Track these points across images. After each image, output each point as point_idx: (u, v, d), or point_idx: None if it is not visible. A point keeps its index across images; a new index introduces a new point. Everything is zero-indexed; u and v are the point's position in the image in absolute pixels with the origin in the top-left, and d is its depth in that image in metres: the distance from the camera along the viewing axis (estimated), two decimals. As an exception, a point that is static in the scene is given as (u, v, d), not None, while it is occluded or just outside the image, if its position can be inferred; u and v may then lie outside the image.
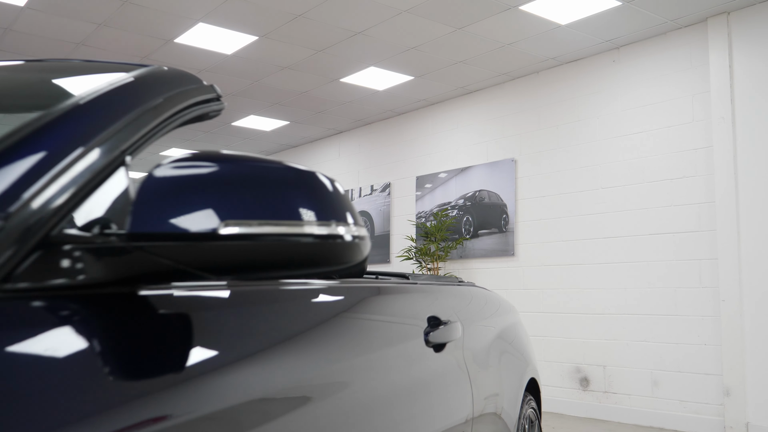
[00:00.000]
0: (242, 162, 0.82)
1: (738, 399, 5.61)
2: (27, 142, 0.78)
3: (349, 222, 0.87)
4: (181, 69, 1.15)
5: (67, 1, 5.70)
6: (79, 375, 0.68)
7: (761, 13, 5.73)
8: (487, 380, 2.03)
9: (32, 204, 0.74)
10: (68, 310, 0.74)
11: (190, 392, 0.80)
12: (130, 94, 0.97)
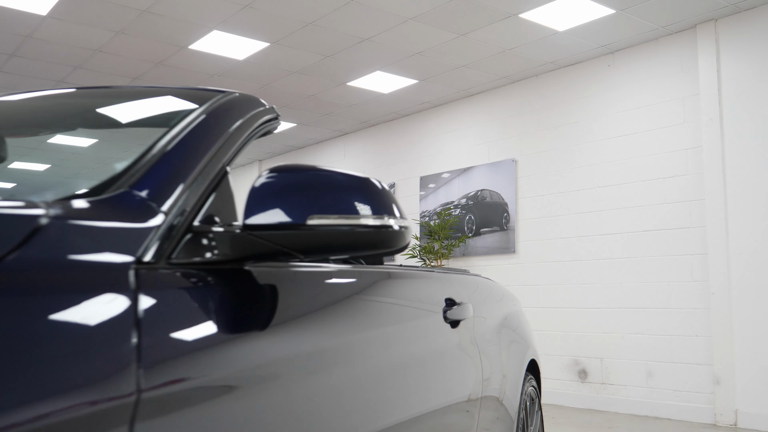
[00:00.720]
0: (319, 171, 1.14)
1: (727, 387, 5.89)
2: (169, 157, 1.12)
3: (396, 215, 1.16)
4: (251, 95, 1.48)
5: (87, 10, 6.00)
6: (212, 318, 1.01)
7: (747, 21, 6.02)
8: (494, 356, 2.33)
9: (179, 203, 1.07)
10: (205, 278, 1.06)
11: (282, 334, 1.14)
12: (224, 117, 1.30)
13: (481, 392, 2.13)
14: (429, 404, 1.72)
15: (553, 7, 5.87)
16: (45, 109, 1.71)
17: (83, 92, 1.73)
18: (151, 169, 1.10)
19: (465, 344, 2.06)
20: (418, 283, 1.89)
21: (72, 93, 1.75)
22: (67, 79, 7.91)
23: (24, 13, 6.07)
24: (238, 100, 1.43)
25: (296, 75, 7.74)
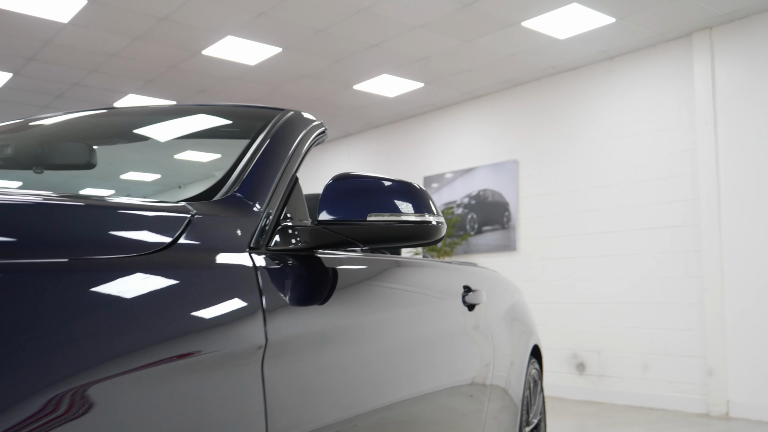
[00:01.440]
0: (374, 178, 1.42)
1: (720, 379, 6.18)
2: (257, 167, 1.41)
3: (433, 213, 1.44)
4: (306, 113, 1.77)
5: (108, 17, 6.25)
6: (297, 289, 1.31)
7: (740, 29, 6.29)
8: (503, 337, 2.63)
9: (270, 203, 1.38)
10: (289, 261, 1.36)
11: (340, 305, 1.45)
12: (290, 132, 1.59)
13: (493, 366, 2.42)
14: (453, 370, 2.05)
15: (554, 15, 6.14)
16: (140, 123, 2.02)
17: (162, 108, 2.03)
18: (247, 177, 1.42)
19: (480, 325, 2.37)
20: (442, 271, 2.24)
21: (154, 109, 2.07)
22: (81, 83, 8.16)
23: (46, 20, 6.31)
24: (297, 117, 1.75)
25: (305, 79, 8.00)
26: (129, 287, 0.93)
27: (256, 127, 1.65)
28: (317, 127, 1.76)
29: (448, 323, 2.08)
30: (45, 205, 0.99)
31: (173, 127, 1.99)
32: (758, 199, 6.06)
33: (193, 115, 2.04)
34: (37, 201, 0.98)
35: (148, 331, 0.91)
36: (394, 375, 1.64)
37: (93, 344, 0.83)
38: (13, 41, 6.85)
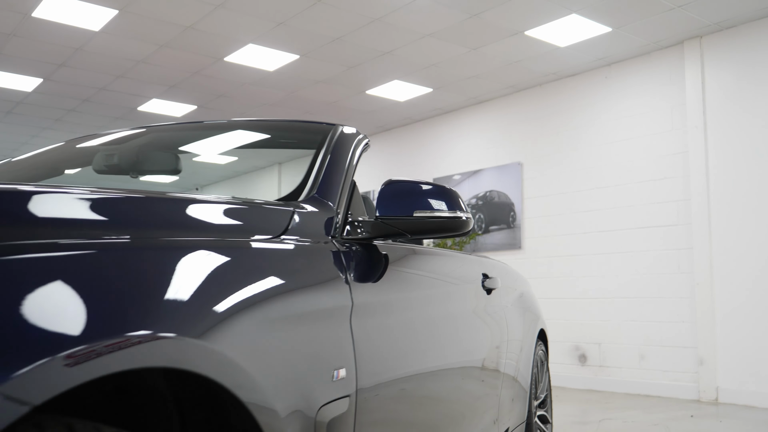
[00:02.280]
0: (418, 182, 1.82)
1: (710, 367, 6.55)
2: (328, 173, 1.84)
3: (463, 210, 1.84)
4: (354, 127, 2.21)
5: (138, 26, 6.70)
6: (363, 266, 1.70)
7: (728, 38, 6.68)
8: (515, 320, 3.05)
9: (340, 202, 1.78)
10: (355, 248, 1.73)
11: (391, 282, 1.83)
12: (346, 144, 2.02)
13: (507, 343, 2.84)
14: (478, 340, 2.47)
15: (555, 25, 6.56)
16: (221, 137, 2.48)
17: (235, 123, 2.50)
18: (321, 182, 1.82)
19: (496, 307, 2.79)
20: (465, 260, 2.67)
21: (228, 124, 2.54)
22: (107, 88, 8.61)
23: (78, 28, 6.75)
24: (348, 131, 2.18)
25: (320, 84, 8.43)
26: (263, 259, 1.33)
27: (317, 140, 2.08)
28: (363, 138, 2.20)
29: (472, 303, 2.51)
30: (214, 202, 1.41)
31: (246, 139, 2.47)
32: (746, 199, 6.44)
33: (260, 129, 2.53)
34: (208, 199, 1.40)
35: (276, 288, 1.29)
36: (437, 337, 2.07)
37: (244, 292, 1.19)
38: (45, 48, 7.30)
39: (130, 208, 1.16)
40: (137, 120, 10.20)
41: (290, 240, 1.48)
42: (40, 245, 0.89)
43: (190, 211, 1.29)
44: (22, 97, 9.02)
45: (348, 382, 1.44)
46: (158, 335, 0.91)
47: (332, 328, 1.44)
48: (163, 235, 1.14)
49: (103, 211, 1.08)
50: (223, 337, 1.05)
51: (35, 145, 11.99)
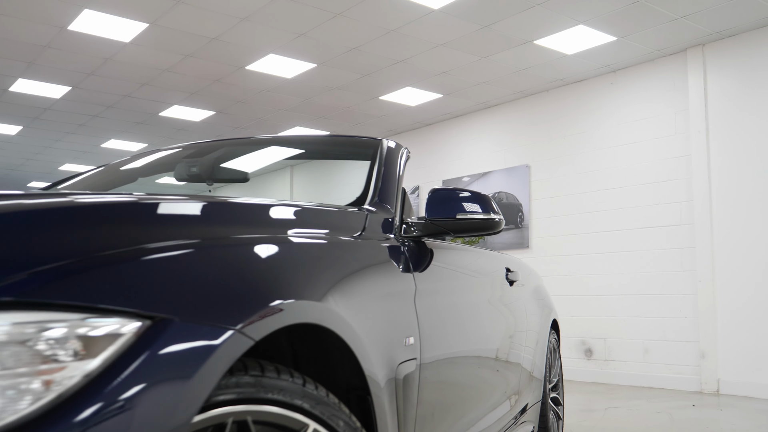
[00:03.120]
0: (458, 189, 2.16)
1: (711, 360, 6.87)
2: (386, 182, 2.19)
3: (496, 212, 2.18)
4: (396, 141, 2.57)
5: (166, 38, 7.04)
6: (416, 258, 2.04)
7: (729, 46, 7.00)
8: (533, 309, 3.41)
9: (397, 207, 2.13)
10: (410, 244, 2.06)
11: (438, 271, 2.17)
12: (394, 155, 2.37)
13: (527, 329, 3.19)
14: (504, 324, 2.84)
15: (563, 35, 6.89)
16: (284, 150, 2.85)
17: (294, 138, 2.89)
18: (381, 189, 2.17)
19: (517, 297, 3.15)
20: (491, 256, 3.04)
21: (293, 139, 2.93)
22: (131, 95, 8.96)
23: (109, 40, 7.10)
24: (393, 144, 2.52)
25: (335, 90, 8.77)
26: (353, 251, 1.70)
27: (368, 153, 2.44)
28: (405, 150, 2.56)
29: (499, 292, 2.88)
30: (316, 208, 1.79)
31: (306, 152, 2.85)
32: (746, 200, 6.76)
33: (316, 144, 2.95)
34: (312, 206, 1.77)
35: (366, 272, 1.67)
36: (474, 318, 2.45)
37: (346, 274, 1.56)
38: (77, 58, 7.65)
39: (274, 212, 1.59)
40: (157, 125, 10.55)
41: (367, 236, 1.84)
42: (239, 240, 1.33)
43: (303, 215, 1.68)
44: (50, 104, 9.37)
45: (415, 348, 1.80)
46: (310, 301, 1.31)
47: (403, 305, 1.80)
48: (290, 232, 1.54)
49: (260, 215, 1.54)
50: (339, 305, 1.42)
51: (57, 149, 12.37)
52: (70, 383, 0.86)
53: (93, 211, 1.18)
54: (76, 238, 1.04)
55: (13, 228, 1.01)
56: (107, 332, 0.91)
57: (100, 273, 0.97)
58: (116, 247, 1.05)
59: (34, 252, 0.95)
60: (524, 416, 3.15)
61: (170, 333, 0.97)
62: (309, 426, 1.21)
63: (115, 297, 0.95)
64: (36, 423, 0.82)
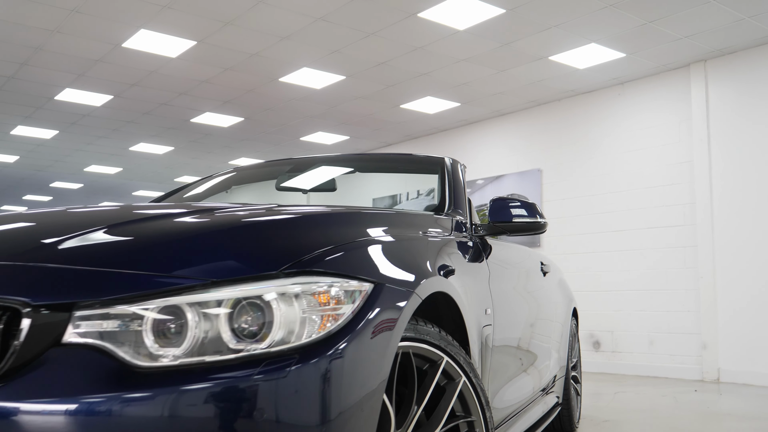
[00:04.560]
0: (511, 198, 2.75)
1: (712, 351, 7.47)
2: (455, 193, 2.81)
3: (541, 215, 2.76)
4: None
5: (210, 53, 7.61)
6: (479, 251, 2.65)
7: (729, 62, 7.60)
8: (559, 298, 4.03)
9: (468, 214, 2.73)
10: (478, 241, 2.67)
11: (498, 261, 2.80)
12: (456, 168, 2.96)
13: (555, 313, 3.80)
14: (543, 306, 3.45)
15: (576, 51, 7.48)
16: (360, 165, 3.45)
17: (376, 156, 3.52)
18: (455, 199, 2.75)
19: (549, 286, 3.78)
20: (529, 251, 3.67)
21: (372, 156, 3.58)
22: (168, 103, 9.55)
23: (157, 55, 7.69)
24: (454, 160, 3.09)
25: (360, 99, 9.36)
26: (450, 246, 2.26)
27: (435, 169, 3.03)
28: (461, 165, 3.15)
29: (538, 281, 3.51)
30: (423, 214, 2.38)
31: (382, 167, 3.46)
32: (744, 203, 7.36)
33: (390, 161, 3.61)
34: (421, 213, 2.38)
35: (462, 259, 2.27)
36: (524, 299, 3.07)
37: (452, 261, 2.13)
38: (124, 71, 8.24)
39: (410, 218, 2.22)
40: (187, 130, 11.13)
41: (454, 235, 2.43)
42: (402, 235, 1.96)
43: (425, 220, 2.29)
44: (90, 111, 9.96)
45: (490, 317, 2.41)
46: (441, 277, 1.90)
47: (483, 285, 2.41)
48: (420, 232, 2.14)
49: (405, 220, 2.15)
50: (453, 281, 2.02)
51: (86, 152, 12.95)
52: (344, 317, 1.44)
53: (333, 217, 1.86)
54: (328, 234, 1.67)
55: (301, 229, 1.69)
56: (356, 288, 1.50)
57: (345, 255, 1.58)
58: (348, 240, 1.68)
59: (311, 244, 1.57)
60: (553, 387, 3.76)
61: (384, 292, 1.56)
62: (443, 359, 1.78)
63: (356, 269, 1.55)
64: (327, 340, 1.39)
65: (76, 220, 1.82)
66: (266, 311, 1.35)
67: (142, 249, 1.50)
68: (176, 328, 1.31)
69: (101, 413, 1.21)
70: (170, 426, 1.23)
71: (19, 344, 1.26)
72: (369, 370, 1.43)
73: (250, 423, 1.26)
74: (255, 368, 1.28)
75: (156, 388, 1.24)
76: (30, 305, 1.28)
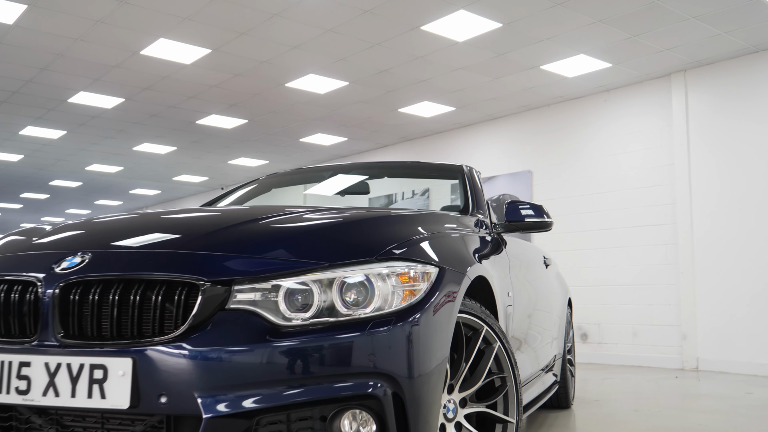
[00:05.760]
0: (523, 202, 3.25)
1: (691, 342, 8.04)
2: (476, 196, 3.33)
3: (547, 215, 3.27)
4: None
5: (223, 61, 8.02)
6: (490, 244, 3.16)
7: (707, 72, 8.16)
8: (557, 288, 4.55)
9: (489, 214, 3.25)
10: (496, 236, 3.17)
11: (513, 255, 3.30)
12: (473, 174, 3.47)
13: (555, 300, 4.33)
14: (547, 294, 3.96)
15: (566, 62, 8.02)
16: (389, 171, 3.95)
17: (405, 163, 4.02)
18: (477, 202, 3.25)
19: (550, 277, 4.30)
20: (533, 246, 4.21)
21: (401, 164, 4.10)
22: (176, 105, 9.97)
23: (172, 62, 8.12)
24: (470, 167, 3.59)
25: (360, 103, 9.85)
26: (478, 240, 2.74)
27: (456, 175, 3.54)
28: (477, 171, 3.64)
29: (542, 272, 4.03)
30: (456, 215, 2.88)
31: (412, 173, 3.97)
32: (722, 202, 7.93)
33: (417, 167, 4.13)
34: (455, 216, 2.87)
35: (487, 250, 2.75)
36: (533, 286, 3.57)
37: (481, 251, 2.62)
38: (137, 76, 8.66)
39: (445, 218, 2.68)
40: (191, 131, 11.56)
41: (481, 232, 2.92)
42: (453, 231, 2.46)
43: (454, 219, 2.77)
44: (100, 113, 10.37)
45: (511, 298, 2.91)
46: (480, 264, 2.39)
47: (505, 272, 2.91)
48: (464, 230, 2.65)
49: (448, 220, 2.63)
50: (487, 266, 2.51)
51: (90, 151, 13.32)
52: (421, 291, 1.93)
53: (405, 218, 2.36)
54: (404, 230, 2.18)
55: (387, 226, 2.20)
56: (428, 271, 1.99)
57: (418, 246, 2.08)
58: (417, 234, 2.18)
59: (394, 237, 2.08)
60: (552, 366, 4.28)
61: (447, 274, 2.05)
62: (484, 327, 2.28)
63: (426, 256, 2.04)
64: (412, 308, 1.87)
65: (213, 219, 2.32)
66: (368, 286, 1.85)
67: (277, 240, 2.02)
68: (303, 298, 1.81)
69: (255, 355, 1.72)
70: (302, 364, 1.73)
71: (197, 309, 1.75)
72: (440, 329, 1.93)
73: (363, 361, 1.77)
74: (365, 326, 1.78)
75: (293, 339, 1.74)
76: (204, 281, 1.78)
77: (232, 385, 1.70)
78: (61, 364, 1.75)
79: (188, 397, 1.69)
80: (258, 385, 1.71)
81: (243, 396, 1.70)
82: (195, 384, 1.70)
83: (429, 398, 1.85)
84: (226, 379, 1.70)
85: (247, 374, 1.71)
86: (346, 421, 1.77)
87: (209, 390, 1.70)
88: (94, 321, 1.80)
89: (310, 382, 1.73)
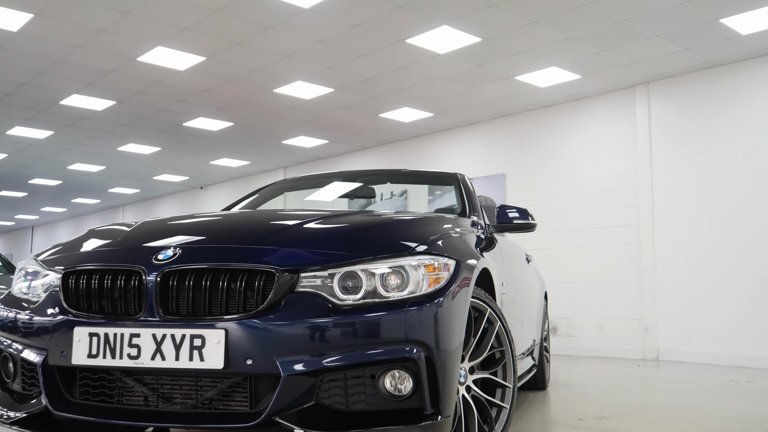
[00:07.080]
0: (511, 206, 3.78)
1: (652, 334, 8.67)
2: (471, 202, 3.85)
3: (531, 216, 3.78)
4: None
5: (217, 68, 8.45)
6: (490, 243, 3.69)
7: (668, 84, 8.81)
8: (536, 281, 5.11)
9: (483, 217, 3.79)
10: (490, 235, 3.67)
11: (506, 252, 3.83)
12: (467, 182, 4.00)
13: (536, 293, 4.88)
14: (530, 286, 4.50)
15: (539, 73, 8.60)
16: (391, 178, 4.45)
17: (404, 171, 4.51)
18: (471, 206, 3.77)
19: (530, 272, 4.85)
20: (516, 244, 4.67)
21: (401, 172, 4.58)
22: (166, 109, 10.34)
23: (167, 68, 8.51)
24: (463, 175, 4.11)
25: (343, 109, 10.32)
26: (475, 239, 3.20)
27: (451, 182, 4.05)
28: (468, 177, 4.14)
29: (524, 266, 4.56)
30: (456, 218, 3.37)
31: (411, 180, 4.50)
32: (681, 205, 8.58)
33: (415, 175, 4.61)
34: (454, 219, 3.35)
35: (484, 247, 3.24)
36: (521, 278, 4.11)
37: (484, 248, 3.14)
38: (130, 80, 9.01)
39: (454, 220, 3.16)
40: (177, 133, 11.91)
41: (479, 231, 3.41)
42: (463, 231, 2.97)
43: (459, 221, 3.25)
44: (90, 115, 10.68)
45: (504, 288, 3.42)
46: (484, 258, 2.90)
47: (499, 265, 3.41)
48: (472, 228, 3.15)
49: (455, 222, 3.11)
50: (489, 259, 3.01)
51: (74, 151, 13.57)
52: (444, 279, 2.41)
53: (426, 219, 2.86)
54: (427, 229, 2.68)
55: (413, 227, 2.72)
56: (448, 263, 2.48)
57: (439, 242, 2.57)
58: (438, 233, 2.67)
59: (422, 235, 2.58)
60: (532, 351, 4.83)
61: (463, 265, 2.53)
62: (488, 310, 2.78)
63: (446, 251, 2.53)
64: (438, 292, 2.35)
65: (278, 220, 2.82)
66: (404, 275, 2.35)
67: (331, 237, 2.53)
68: (353, 283, 2.31)
69: (319, 327, 2.21)
70: (354, 334, 2.22)
71: (273, 292, 2.24)
72: (459, 309, 2.44)
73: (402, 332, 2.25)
74: (403, 305, 2.28)
75: (347, 315, 2.24)
76: (279, 270, 2.27)
77: (302, 350, 2.18)
78: (166, 335, 2.21)
79: (269, 360, 2.17)
80: (322, 350, 2.19)
81: (311, 359, 2.19)
82: (274, 350, 2.18)
83: (452, 362, 2.34)
84: (298, 346, 2.18)
85: (313, 342, 2.19)
86: (389, 380, 2.27)
87: (285, 354, 2.17)
88: (190, 301, 2.27)
89: (362, 348, 2.21)
